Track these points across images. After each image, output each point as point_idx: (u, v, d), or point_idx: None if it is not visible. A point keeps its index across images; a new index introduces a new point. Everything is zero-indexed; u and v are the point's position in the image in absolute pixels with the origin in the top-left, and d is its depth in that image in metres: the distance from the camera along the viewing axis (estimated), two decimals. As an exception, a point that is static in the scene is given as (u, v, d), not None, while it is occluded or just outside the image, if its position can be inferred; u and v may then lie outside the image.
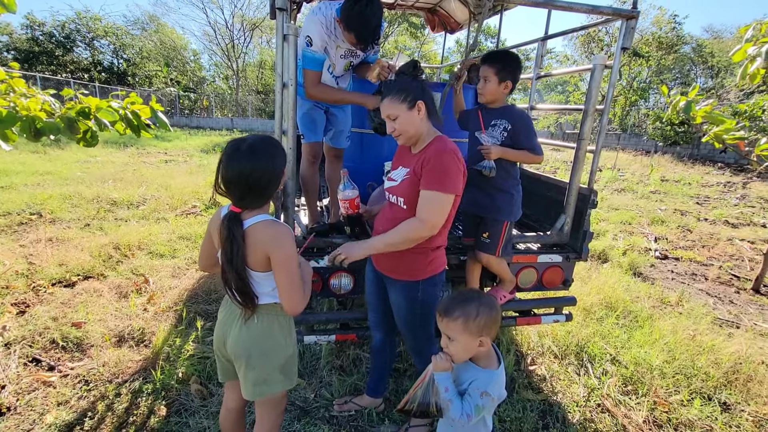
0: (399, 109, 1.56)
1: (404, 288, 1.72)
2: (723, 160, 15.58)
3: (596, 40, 24.99)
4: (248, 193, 1.32)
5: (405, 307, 1.75)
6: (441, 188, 1.52)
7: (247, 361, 1.43)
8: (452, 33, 5.05)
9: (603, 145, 2.34)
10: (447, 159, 1.53)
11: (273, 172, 1.35)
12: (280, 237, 1.33)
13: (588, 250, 2.46)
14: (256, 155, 1.31)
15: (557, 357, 2.77)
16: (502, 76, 2.00)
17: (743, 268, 4.77)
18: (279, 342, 1.46)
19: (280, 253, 1.32)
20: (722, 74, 25.31)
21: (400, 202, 1.66)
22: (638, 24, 2.19)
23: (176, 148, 12.84)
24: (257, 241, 1.32)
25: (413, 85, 1.60)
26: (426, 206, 1.54)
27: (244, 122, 23.55)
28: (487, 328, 1.27)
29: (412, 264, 1.67)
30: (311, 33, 2.07)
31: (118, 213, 5.46)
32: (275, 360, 1.46)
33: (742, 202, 8.65)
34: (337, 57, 2.25)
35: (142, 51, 25.42)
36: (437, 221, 1.55)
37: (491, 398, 1.27)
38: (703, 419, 2.27)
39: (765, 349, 3.01)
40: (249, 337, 1.42)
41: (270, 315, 1.43)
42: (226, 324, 1.48)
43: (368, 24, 1.94)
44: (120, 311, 3.00)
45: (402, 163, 1.72)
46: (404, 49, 26.91)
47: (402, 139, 1.63)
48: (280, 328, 1.46)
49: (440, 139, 1.62)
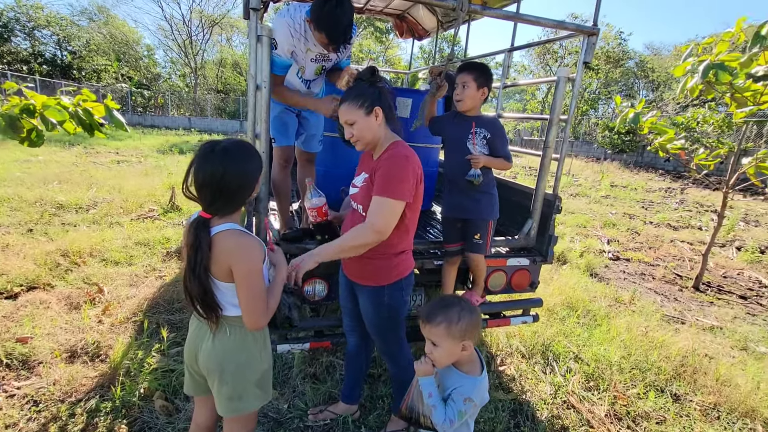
0: (356, 115, 1.56)
1: (371, 293, 1.73)
2: (663, 167, 16.87)
3: (551, 51, 26.36)
4: (218, 197, 1.27)
5: (372, 312, 1.76)
6: (390, 194, 1.51)
7: (220, 376, 1.37)
8: (420, 40, 5.14)
9: (555, 153, 2.47)
10: (399, 165, 1.54)
11: (245, 177, 1.30)
12: (245, 249, 1.27)
13: (553, 253, 2.57)
14: (229, 158, 1.26)
15: (525, 357, 2.87)
16: (480, 82, 2.09)
17: (685, 268, 5.18)
18: (254, 355, 1.40)
19: (243, 266, 1.26)
20: (662, 88, 27.48)
21: (360, 209, 1.66)
22: (592, 39, 2.34)
23: (129, 148, 12.12)
24: (222, 250, 1.26)
25: (370, 91, 1.59)
26: (374, 212, 1.53)
27: (202, 122, 22.65)
28: (469, 333, 1.29)
29: (377, 270, 1.68)
30: (277, 37, 2.02)
31: (65, 217, 5.06)
32: (250, 375, 1.40)
33: (681, 206, 9.41)
34: (307, 60, 2.22)
35: (90, 43, 23.84)
36: (385, 227, 1.53)
37: (474, 404, 1.30)
38: (658, 410, 2.44)
39: (707, 342, 3.28)
40: (222, 350, 1.36)
41: (243, 327, 1.37)
42: (198, 337, 1.40)
43: (339, 23, 1.91)
44: (71, 324, 2.78)
45: (363, 169, 1.73)
46: (369, 53, 27.04)
47: (360, 144, 1.63)
48: (254, 341, 1.41)
49: (396, 144, 1.62)
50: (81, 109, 2.34)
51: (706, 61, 3.56)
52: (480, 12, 2.31)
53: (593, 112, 26.46)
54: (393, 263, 1.68)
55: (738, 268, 5.28)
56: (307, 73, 2.28)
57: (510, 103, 35.70)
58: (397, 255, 1.69)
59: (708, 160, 4.51)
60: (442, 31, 4.55)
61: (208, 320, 1.32)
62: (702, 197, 10.68)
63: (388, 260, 1.67)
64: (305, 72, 2.27)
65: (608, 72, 25.80)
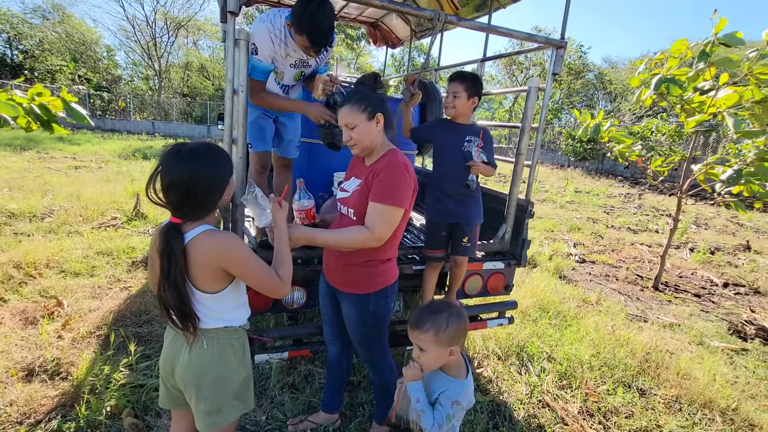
0: (358, 119, 1.56)
1: (355, 301, 1.71)
2: (622, 174, 17.80)
3: (516, 62, 27.35)
4: (186, 200, 1.22)
5: (356, 319, 1.74)
6: (391, 201, 1.53)
7: (197, 390, 1.33)
8: (393, 48, 5.21)
9: (527, 160, 2.57)
10: (398, 173, 1.55)
11: (213, 179, 1.27)
12: (226, 243, 1.25)
13: (526, 257, 2.66)
14: (196, 160, 1.22)
15: (500, 358, 2.93)
16: (471, 92, 2.16)
17: (645, 269, 5.48)
18: (232, 368, 1.36)
19: (234, 259, 1.25)
20: (619, 99, 29.08)
21: (350, 213, 1.65)
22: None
23: (87, 153, 11.50)
24: (203, 252, 1.22)
25: (374, 96, 1.61)
26: (374, 218, 1.54)
27: (167, 126, 21.85)
28: (457, 338, 1.32)
29: (363, 277, 1.67)
30: (257, 42, 2.00)
31: (17, 226, 4.73)
32: (228, 388, 1.36)
33: (639, 210, 9.95)
34: (286, 66, 2.20)
35: (44, 42, 22.55)
36: (384, 233, 1.55)
37: (461, 407, 1.31)
38: (626, 405, 2.55)
39: (668, 339, 3.47)
40: (199, 364, 1.31)
41: (221, 339, 1.33)
42: (174, 350, 1.35)
43: (320, 26, 1.90)
44: (27, 340, 2.60)
45: (355, 174, 1.72)
46: (341, 60, 27.07)
47: (357, 149, 1.63)
48: (234, 353, 1.37)
49: (393, 152, 1.63)
50: (36, 104, 2.19)
51: (659, 75, 3.82)
52: (455, 23, 2.38)
53: (557, 121, 27.63)
54: (379, 270, 1.68)
55: (692, 269, 5.63)
56: (286, 79, 2.27)
57: (479, 112, 36.69)
58: (383, 262, 1.69)
59: (663, 166, 4.81)
60: (416, 40, 4.64)
61: (185, 331, 1.27)
62: (657, 202, 11.34)
63: (374, 268, 1.66)
64: (284, 78, 2.25)
65: (570, 83, 27.08)
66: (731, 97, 3.43)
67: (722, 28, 3.41)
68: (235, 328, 1.37)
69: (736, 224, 9.04)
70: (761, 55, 3.30)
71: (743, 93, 3.39)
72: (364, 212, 1.58)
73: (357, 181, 1.67)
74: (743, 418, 2.51)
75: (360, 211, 1.60)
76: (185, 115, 24.44)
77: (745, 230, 8.47)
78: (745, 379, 2.96)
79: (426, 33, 4.44)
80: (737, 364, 3.18)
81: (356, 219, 1.62)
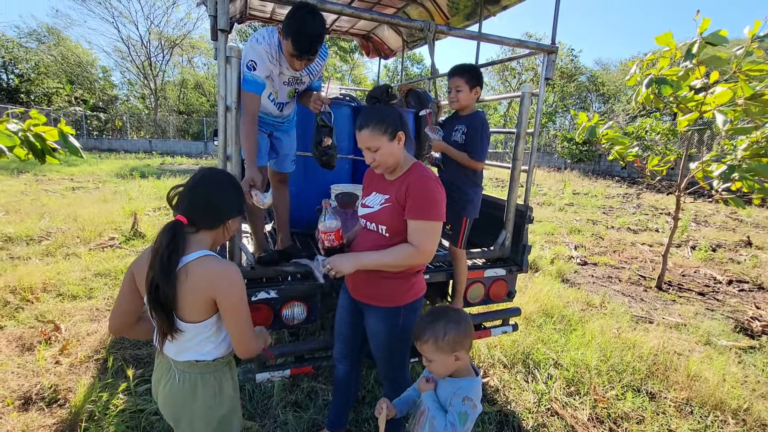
0: (380, 141, 1.53)
1: (385, 314, 1.67)
2: (620, 174, 17.85)
3: (509, 68, 27.61)
4: (198, 204, 1.26)
5: (385, 333, 1.70)
6: (431, 216, 1.52)
7: (176, 424, 1.33)
8: (386, 59, 5.24)
9: (524, 165, 2.57)
10: (432, 187, 1.54)
11: (229, 198, 1.32)
12: (228, 276, 1.20)
13: (528, 262, 2.63)
14: (220, 178, 1.33)
15: (506, 367, 2.89)
16: (472, 84, 2.22)
17: (647, 269, 5.44)
18: (206, 404, 1.29)
19: (231, 295, 1.20)
20: (612, 100, 29.31)
21: (382, 230, 1.61)
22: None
23: (84, 173, 11.51)
24: (201, 276, 1.18)
25: (392, 115, 1.57)
26: (419, 235, 1.53)
27: (164, 144, 21.92)
28: (458, 344, 1.30)
29: (394, 290, 1.64)
30: (255, 58, 2.01)
31: (14, 250, 4.70)
32: (206, 424, 1.32)
33: (638, 210, 9.95)
34: (280, 84, 2.22)
35: (39, 66, 22.71)
36: (431, 249, 1.54)
37: (473, 403, 1.29)
38: (636, 410, 2.50)
39: (675, 340, 3.43)
40: (173, 399, 1.29)
41: (193, 374, 1.27)
42: (156, 378, 1.35)
43: (306, 31, 1.89)
44: (24, 367, 2.55)
45: (376, 189, 1.69)
46: (334, 72, 27.29)
47: (381, 168, 1.61)
48: (204, 389, 1.28)
49: (418, 166, 1.62)
50: (32, 134, 2.19)
51: (650, 75, 3.85)
52: (445, 32, 2.39)
53: (552, 125, 27.79)
54: (410, 283, 1.66)
55: (694, 267, 5.60)
56: (280, 97, 2.28)
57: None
58: (414, 275, 1.67)
59: (660, 165, 4.81)
60: (408, 50, 4.67)
61: (160, 326, 1.20)
62: (656, 201, 11.34)
63: (406, 280, 1.64)
64: (278, 95, 2.26)
65: (563, 87, 27.31)
66: (725, 94, 3.45)
67: (706, 27, 3.44)
68: (207, 362, 1.28)
69: (736, 220, 9.03)
70: (747, 52, 3.33)
71: (736, 90, 3.41)
72: (397, 228, 1.57)
73: (381, 196, 1.64)
74: (755, 419, 2.47)
75: (394, 227, 1.58)
76: (182, 132, 24.54)
77: (745, 226, 8.46)
78: (755, 378, 2.91)
79: (418, 43, 4.47)
80: (746, 363, 3.13)
81: (389, 235, 1.59)
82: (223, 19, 1.73)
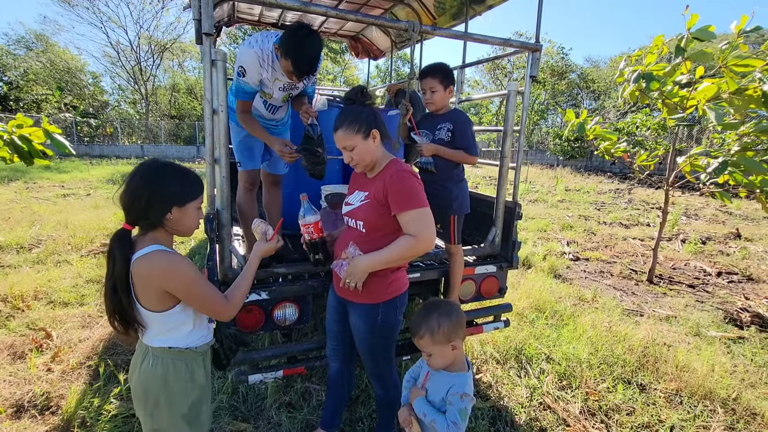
0: (355, 140, 1.58)
1: (364, 311, 1.70)
2: (611, 170, 18.01)
3: (500, 67, 27.76)
4: (131, 207, 1.29)
5: (365, 330, 1.72)
6: (415, 205, 1.55)
7: (144, 405, 1.34)
8: (375, 59, 5.26)
9: (512, 162, 2.60)
10: (407, 179, 1.58)
11: (153, 193, 1.29)
12: (170, 266, 1.25)
13: (518, 259, 2.66)
14: (147, 172, 1.32)
15: (499, 362, 2.91)
16: (446, 83, 2.22)
17: (638, 263, 5.50)
18: (177, 390, 1.34)
19: (177, 283, 1.25)
20: (603, 97, 29.53)
21: (359, 226, 1.65)
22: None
23: (75, 180, 11.40)
24: (146, 272, 1.23)
25: (365, 113, 1.61)
26: (413, 225, 1.55)
27: (156, 149, 21.78)
28: (453, 334, 1.35)
29: (373, 286, 1.65)
30: (245, 65, 2.03)
31: (4, 259, 4.65)
32: (175, 409, 1.35)
33: (629, 205, 10.04)
34: (275, 89, 2.23)
35: (28, 73, 22.49)
36: (428, 234, 1.55)
37: (470, 398, 1.33)
38: (627, 402, 2.54)
39: (665, 332, 3.48)
40: (145, 381, 1.32)
41: (165, 359, 1.32)
42: (134, 366, 1.37)
43: (306, 54, 1.95)
44: (15, 375, 2.53)
45: (358, 187, 1.73)
46: (327, 74, 27.28)
47: (359, 167, 1.66)
48: (177, 375, 1.33)
49: (395, 162, 1.66)
50: (17, 136, 2.18)
51: (638, 71, 3.90)
52: (431, 32, 2.41)
53: (543, 122, 27.99)
54: (390, 279, 1.67)
55: (685, 260, 5.67)
56: (274, 100, 2.30)
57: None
58: (393, 271, 1.69)
59: (648, 160, 4.87)
60: (397, 50, 4.69)
61: (126, 335, 1.30)
62: (647, 196, 11.46)
63: (384, 276, 1.66)
64: (272, 99, 2.28)
65: (554, 84, 27.49)
66: (710, 89, 3.50)
67: (694, 23, 3.49)
68: (180, 350, 1.34)
69: (726, 213, 9.15)
70: (732, 47, 3.37)
71: (721, 84, 3.46)
72: (374, 224, 1.61)
73: (361, 194, 1.68)
74: (744, 408, 2.51)
75: (370, 223, 1.62)
76: (174, 136, 24.39)
77: (734, 219, 8.58)
78: (743, 368, 2.96)
79: (406, 43, 4.49)
80: (735, 353, 3.18)
81: (365, 231, 1.63)
82: (207, 23, 1.74)
